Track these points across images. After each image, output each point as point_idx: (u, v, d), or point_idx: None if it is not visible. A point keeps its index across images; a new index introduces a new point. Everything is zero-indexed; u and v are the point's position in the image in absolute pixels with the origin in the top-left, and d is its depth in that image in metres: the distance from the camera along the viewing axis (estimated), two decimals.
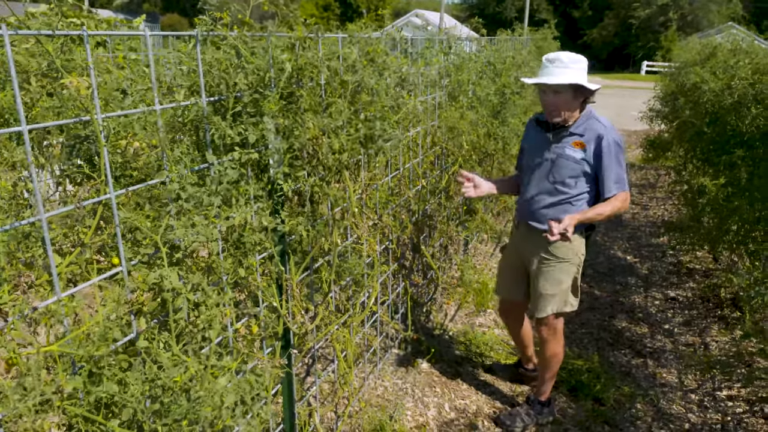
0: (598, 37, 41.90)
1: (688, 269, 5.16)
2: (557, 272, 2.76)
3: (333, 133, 2.08)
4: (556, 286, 2.77)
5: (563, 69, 2.56)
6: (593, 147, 2.61)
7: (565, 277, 2.77)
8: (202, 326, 1.33)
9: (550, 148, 2.71)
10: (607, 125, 2.64)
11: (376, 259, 2.88)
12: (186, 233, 1.31)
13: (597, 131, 2.61)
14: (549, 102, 2.62)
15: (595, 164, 2.63)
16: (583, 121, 2.65)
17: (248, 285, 1.83)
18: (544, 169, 2.74)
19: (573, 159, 2.64)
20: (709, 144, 4.59)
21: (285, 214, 1.96)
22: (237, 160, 1.70)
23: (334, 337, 2.46)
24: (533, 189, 2.80)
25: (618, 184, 2.60)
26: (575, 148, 2.64)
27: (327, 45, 2.54)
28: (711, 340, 3.95)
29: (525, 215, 2.86)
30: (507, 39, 6.11)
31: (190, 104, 1.57)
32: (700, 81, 4.82)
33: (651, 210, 7.12)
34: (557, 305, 2.80)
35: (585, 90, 2.59)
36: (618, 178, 2.61)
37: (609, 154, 2.59)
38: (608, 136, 2.60)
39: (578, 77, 2.55)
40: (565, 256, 2.75)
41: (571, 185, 2.68)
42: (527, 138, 2.92)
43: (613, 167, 2.60)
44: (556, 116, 2.64)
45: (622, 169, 2.62)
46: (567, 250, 2.73)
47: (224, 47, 1.62)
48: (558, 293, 2.78)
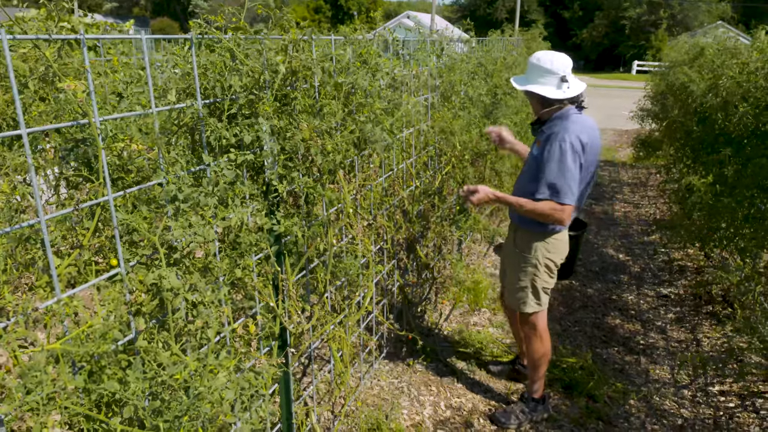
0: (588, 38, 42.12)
1: (680, 267, 5.22)
2: (517, 265, 2.84)
3: (327, 135, 2.10)
4: (515, 279, 2.86)
5: (524, 76, 2.74)
6: (543, 145, 2.59)
7: (523, 276, 2.81)
8: (200, 325, 1.35)
9: (532, 146, 2.81)
10: (568, 128, 2.53)
11: (371, 260, 2.90)
12: (183, 234, 1.33)
13: (554, 131, 2.57)
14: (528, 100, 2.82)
15: (539, 161, 2.59)
16: (552, 121, 2.65)
17: (245, 285, 1.85)
18: (523, 167, 2.87)
19: (533, 156, 2.70)
20: (698, 143, 4.65)
21: (280, 215, 1.98)
22: (233, 162, 1.72)
23: (330, 337, 2.48)
24: (517, 182, 2.90)
25: (550, 191, 2.49)
26: (537, 146, 2.69)
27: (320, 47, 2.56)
28: (703, 336, 3.99)
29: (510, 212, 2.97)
30: (498, 40, 6.15)
31: (186, 107, 1.59)
32: (688, 80, 4.88)
33: (643, 209, 7.18)
34: (522, 302, 2.86)
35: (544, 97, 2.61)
36: (552, 183, 2.48)
37: (551, 154, 2.50)
38: (561, 137, 2.50)
39: (532, 85, 2.63)
40: (523, 252, 2.79)
41: (532, 181, 2.65)
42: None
43: (550, 171, 2.49)
44: (537, 115, 2.77)
45: (561, 176, 2.47)
46: (525, 245, 2.78)
47: (218, 50, 1.64)
48: (519, 288, 2.85)
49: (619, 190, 8.11)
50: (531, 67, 2.68)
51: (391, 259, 3.37)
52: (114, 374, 1.15)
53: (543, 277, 2.81)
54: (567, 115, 2.62)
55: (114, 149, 1.43)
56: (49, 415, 0.99)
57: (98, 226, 1.47)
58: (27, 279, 1.27)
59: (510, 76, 5.01)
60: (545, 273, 2.81)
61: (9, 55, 1.13)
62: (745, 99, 3.51)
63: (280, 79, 1.76)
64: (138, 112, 1.41)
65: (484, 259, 5.30)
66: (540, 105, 2.69)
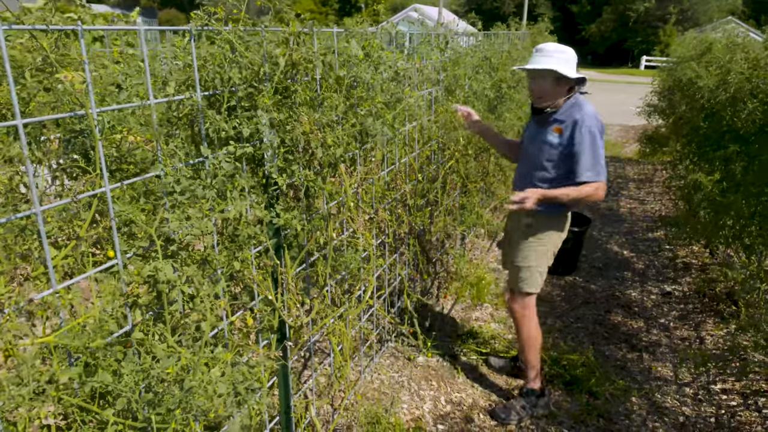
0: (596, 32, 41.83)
1: (684, 264, 5.18)
2: (527, 247, 2.91)
3: (328, 128, 2.09)
4: (524, 259, 2.92)
5: (545, 57, 2.72)
6: (569, 132, 2.71)
7: (532, 255, 2.91)
8: (196, 318, 1.35)
9: (536, 133, 2.88)
10: (588, 113, 2.69)
11: (372, 253, 2.89)
12: (180, 226, 1.33)
13: (574, 117, 2.70)
14: (532, 87, 2.82)
15: (568, 148, 2.72)
16: (567, 108, 2.76)
17: (244, 278, 1.84)
18: (530, 152, 2.90)
19: (550, 144, 2.77)
20: (705, 139, 4.61)
21: (280, 208, 1.97)
22: (232, 154, 1.71)
23: (330, 331, 2.48)
24: (520, 170, 2.99)
25: (590, 172, 2.65)
26: (554, 133, 2.77)
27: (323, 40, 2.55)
28: (706, 334, 3.97)
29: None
30: (504, 33, 6.11)
31: (185, 98, 1.58)
32: (696, 76, 4.83)
33: (648, 205, 7.14)
34: (525, 279, 2.93)
35: (567, 79, 2.71)
36: (591, 166, 2.65)
37: (582, 140, 2.65)
38: (585, 122, 2.66)
39: (557, 65, 2.67)
40: (534, 234, 2.89)
41: (548, 168, 2.80)
42: (527, 124, 3.09)
43: (585, 154, 2.65)
44: (539, 101, 2.81)
45: (596, 158, 2.66)
46: (537, 228, 2.88)
47: (218, 42, 1.62)
48: (527, 267, 2.92)
49: (625, 186, 8.07)
50: (547, 53, 2.73)
51: (393, 253, 3.37)
52: (109, 366, 1.14)
53: (550, 259, 2.96)
54: (579, 101, 2.76)
55: (112, 141, 1.43)
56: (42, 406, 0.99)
57: (96, 217, 1.46)
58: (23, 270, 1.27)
59: (514, 70, 4.97)
60: (552, 255, 2.97)
61: (4, 45, 1.12)
62: (754, 95, 3.47)
63: (281, 71, 1.74)
64: (135, 104, 1.40)
65: (488, 254, 5.29)
66: (555, 89, 2.73)
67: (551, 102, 2.77)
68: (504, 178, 5.57)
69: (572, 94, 2.78)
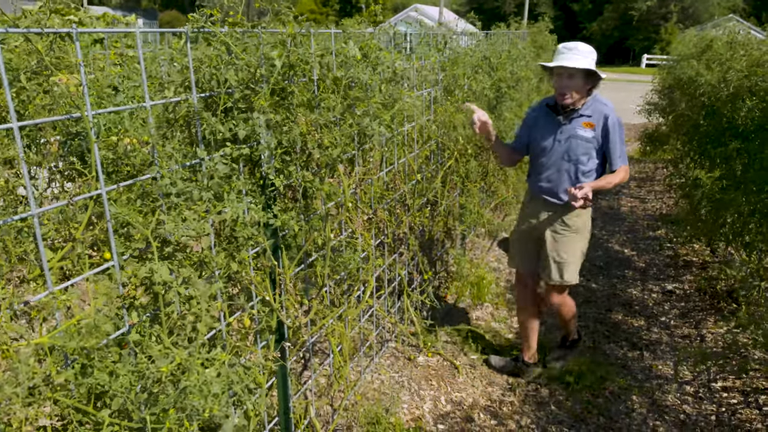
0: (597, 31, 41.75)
1: (685, 262, 5.18)
2: (572, 242, 3.08)
3: (325, 129, 2.10)
4: (570, 254, 3.08)
5: (579, 56, 2.87)
6: (601, 126, 2.94)
7: (579, 246, 3.10)
8: (192, 319, 1.35)
9: (562, 129, 3.01)
10: (610, 106, 2.99)
11: (371, 254, 2.90)
12: (176, 228, 1.33)
13: (603, 112, 2.94)
14: (563, 85, 2.92)
15: (602, 141, 2.96)
16: (591, 104, 2.98)
17: (241, 279, 1.85)
18: (559, 149, 3.02)
19: (584, 138, 2.95)
20: (705, 136, 4.60)
21: (277, 209, 1.97)
22: (228, 156, 1.72)
23: (329, 331, 2.48)
24: (549, 167, 3.07)
25: (621, 159, 2.95)
26: (585, 128, 2.96)
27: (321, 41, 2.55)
28: (707, 332, 3.96)
29: (542, 191, 3.12)
30: (503, 33, 6.11)
31: (181, 100, 1.58)
32: (696, 74, 4.83)
33: (649, 203, 7.13)
34: (571, 272, 3.11)
35: (594, 77, 2.91)
36: (621, 153, 2.96)
37: (614, 132, 2.92)
38: (612, 116, 2.94)
39: (590, 64, 2.87)
40: (577, 226, 3.07)
41: (584, 161, 2.98)
42: (536, 122, 3.17)
43: (617, 144, 2.94)
44: (567, 99, 2.92)
45: (623, 146, 2.98)
46: (579, 221, 3.07)
47: (215, 44, 1.63)
48: (571, 261, 3.08)
49: (626, 184, 8.05)
50: (580, 52, 2.88)
51: (393, 253, 3.37)
52: (105, 367, 1.15)
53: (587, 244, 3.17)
54: (599, 98, 3.01)
55: (109, 143, 1.43)
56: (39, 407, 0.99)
57: (93, 219, 1.47)
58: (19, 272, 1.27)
59: (514, 69, 4.98)
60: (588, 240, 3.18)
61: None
62: (753, 92, 3.46)
63: (277, 73, 1.75)
64: (131, 106, 1.41)
65: (488, 253, 5.29)
66: (583, 86, 2.90)
67: (575, 99, 2.93)
68: (504, 177, 5.58)
69: (592, 91, 2.99)
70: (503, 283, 4.67)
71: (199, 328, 1.34)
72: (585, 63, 2.85)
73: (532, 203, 3.21)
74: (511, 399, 3.24)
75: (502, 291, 4.53)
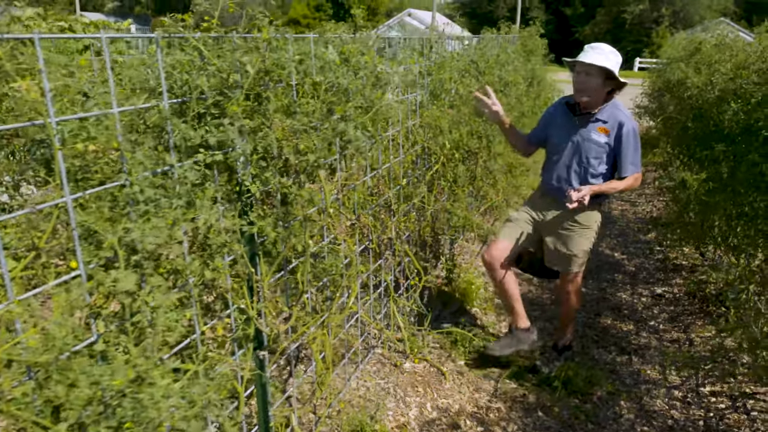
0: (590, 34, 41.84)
1: (675, 265, 5.17)
2: (580, 237, 3.18)
3: (305, 134, 2.08)
4: (578, 248, 3.19)
5: (601, 55, 2.86)
6: (615, 132, 2.95)
7: (586, 242, 3.20)
8: (160, 330, 1.32)
9: (576, 131, 3.05)
10: (628, 114, 3.00)
11: (354, 260, 2.87)
12: (143, 236, 1.31)
13: (619, 119, 2.95)
14: (580, 81, 2.93)
15: (615, 147, 2.98)
16: (608, 109, 2.98)
17: (217, 287, 1.82)
18: (571, 150, 3.07)
19: (597, 143, 2.98)
20: (693, 139, 4.60)
21: (254, 216, 1.95)
22: (202, 162, 1.69)
23: (311, 339, 2.45)
24: (560, 166, 3.13)
25: (633, 166, 2.99)
26: (600, 133, 2.98)
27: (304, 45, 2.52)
28: (696, 336, 3.95)
29: (552, 189, 3.19)
30: (492, 37, 6.11)
31: (151, 106, 1.56)
32: (684, 77, 4.83)
33: (640, 207, 7.14)
34: (581, 263, 3.26)
35: (614, 79, 2.89)
36: (633, 161, 2.99)
37: (628, 140, 2.94)
38: (628, 124, 2.95)
39: (611, 64, 2.84)
40: (586, 223, 3.16)
41: (595, 166, 3.02)
42: (553, 119, 3.23)
43: (630, 151, 2.96)
44: (584, 96, 2.94)
45: (637, 153, 3.00)
46: (588, 218, 3.14)
47: (187, 49, 1.61)
48: (581, 255, 3.21)
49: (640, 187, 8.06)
50: (602, 51, 2.88)
51: (378, 259, 3.34)
52: (66, 379, 1.12)
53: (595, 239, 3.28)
54: (617, 104, 3.02)
55: (75, 150, 1.40)
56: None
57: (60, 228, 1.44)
58: None
59: (502, 74, 4.97)
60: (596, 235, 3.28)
61: None
62: (738, 95, 3.46)
63: (252, 78, 1.73)
64: (96, 113, 1.38)
65: (477, 258, 5.26)
66: (601, 87, 2.90)
67: (591, 99, 2.93)
68: (494, 182, 5.56)
69: (612, 96, 2.99)
70: (492, 289, 4.64)
71: (168, 339, 1.31)
72: (603, 61, 2.83)
73: (543, 198, 3.31)
74: (498, 405, 3.21)
75: (490, 296, 4.51)
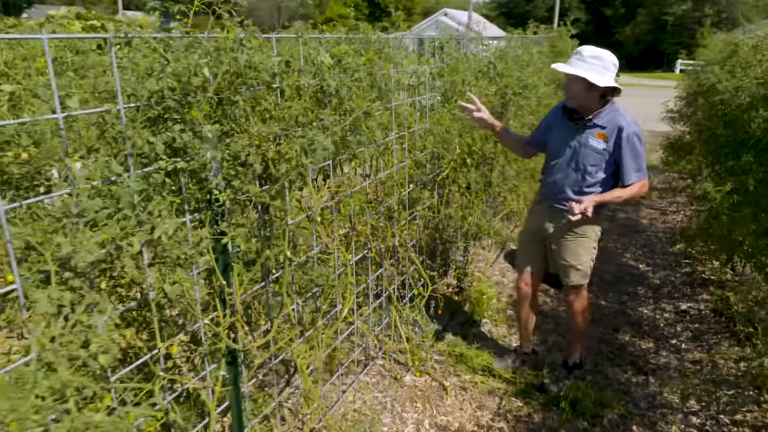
0: (630, 35, 40.86)
1: (703, 280, 4.89)
2: (577, 247, 3.04)
3: (284, 138, 1.97)
4: (577, 259, 3.05)
5: (580, 62, 2.76)
6: (614, 138, 2.81)
7: (585, 252, 3.06)
8: (94, 351, 1.24)
9: (574, 137, 2.92)
10: (628, 119, 2.82)
11: (351, 269, 2.76)
12: (74, 251, 1.22)
13: (618, 124, 2.80)
14: (567, 88, 2.87)
15: (615, 154, 2.84)
16: (606, 114, 2.84)
17: (181, 301, 1.73)
18: (568, 156, 2.95)
19: (595, 149, 2.85)
20: (724, 147, 4.32)
21: (225, 225, 1.85)
22: (163, 170, 1.60)
23: (295, 353, 2.35)
24: (558, 173, 3.00)
25: (637, 173, 2.84)
26: (598, 139, 2.85)
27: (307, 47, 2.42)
28: (719, 357, 3.70)
29: (549, 197, 3.07)
30: (517, 38, 5.91)
31: (105, 111, 1.47)
32: (717, 81, 4.55)
33: (670, 216, 6.82)
34: (582, 275, 3.10)
35: (599, 86, 2.73)
36: (637, 168, 2.84)
37: (628, 145, 2.79)
38: (628, 128, 2.79)
39: (587, 71, 2.71)
40: (585, 233, 3.02)
41: (593, 173, 2.89)
42: (553, 123, 3.09)
43: (632, 157, 2.81)
44: (572, 103, 2.89)
45: (641, 159, 2.85)
46: (585, 228, 3.01)
47: (145, 51, 1.52)
48: (580, 266, 3.07)
49: (647, 195, 7.72)
50: (582, 58, 2.76)
51: (378, 268, 3.22)
52: None
53: (596, 248, 3.12)
54: (618, 108, 2.86)
55: (15, 157, 1.33)
56: None
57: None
58: None
59: (522, 76, 4.78)
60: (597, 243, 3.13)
61: None
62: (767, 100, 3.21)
63: (218, 82, 1.63)
64: (35, 118, 1.30)
65: (493, 266, 5.09)
66: (587, 93, 2.78)
67: (583, 105, 2.84)
68: (514, 186, 5.36)
69: (608, 100, 2.85)
70: (505, 299, 4.47)
71: (101, 361, 1.23)
72: (581, 70, 2.72)
73: (540, 206, 3.18)
74: (501, 425, 3.06)
75: (503, 307, 4.33)
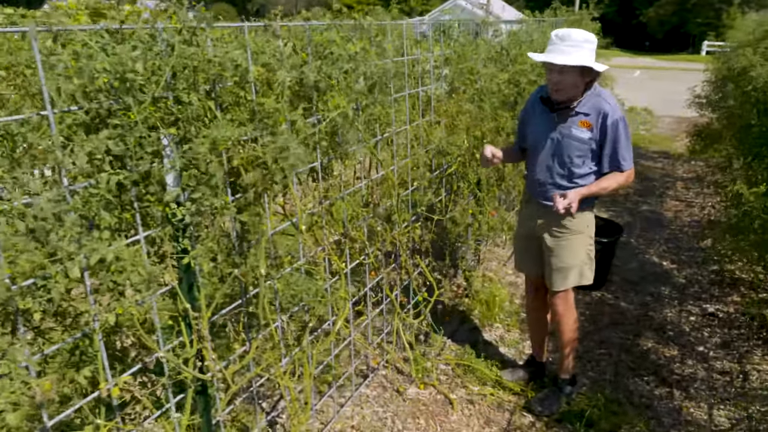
0: (654, 16, 39.66)
1: (733, 279, 4.56)
2: (571, 244, 2.77)
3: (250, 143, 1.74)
4: (571, 258, 2.78)
5: (573, 48, 2.48)
6: (599, 126, 2.59)
7: (580, 249, 2.79)
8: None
9: (555, 128, 2.68)
10: (612, 103, 2.61)
11: (344, 279, 2.54)
12: None
13: (602, 110, 2.58)
14: (554, 81, 2.57)
15: (600, 141, 2.62)
16: (588, 100, 2.61)
17: (131, 330, 1.52)
18: (551, 149, 2.71)
19: (580, 139, 2.62)
20: (759, 138, 3.99)
21: (186, 242, 1.63)
22: (105, 182, 1.38)
23: (278, 375, 2.14)
24: (541, 168, 2.77)
25: (626, 162, 2.63)
26: (582, 127, 2.62)
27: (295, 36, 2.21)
28: (752, 368, 3.41)
29: (535, 193, 2.84)
30: (533, 22, 5.59)
31: (27, 117, 1.26)
32: (749, 65, 4.21)
33: (696, 208, 6.45)
34: (574, 278, 2.81)
35: (592, 71, 2.53)
36: (624, 156, 2.62)
37: (614, 132, 2.58)
38: (613, 114, 2.57)
39: (586, 58, 2.48)
40: (577, 228, 2.75)
41: (579, 164, 2.67)
42: (532, 115, 2.83)
43: (618, 145, 2.60)
44: (561, 96, 2.60)
45: (627, 146, 2.63)
46: (578, 222, 2.74)
47: (72, 45, 1.29)
48: (574, 265, 2.79)
49: (672, 185, 7.35)
50: (574, 42, 2.48)
51: (376, 275, 2.99)
52: None
53: (591, 249, 2.85)
54: (600, 92, 2.64)
55: None
56: None
57: None
58: None
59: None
60: (590, 244, 2.85)
61: None
62: None
63: (164, 79, 1.40)
64: None
65: (506, 265, 4.82)
66: (579, 82, 2.55)
67: (572, 95, 2.59)
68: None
69: (592, 84, 2.61)
70: (518, 300, 4.20)
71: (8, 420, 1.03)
72: (578, 57, 2.46)
73: (529, 205, 2.94)
74: None
75: (516, 309, 4.07)
